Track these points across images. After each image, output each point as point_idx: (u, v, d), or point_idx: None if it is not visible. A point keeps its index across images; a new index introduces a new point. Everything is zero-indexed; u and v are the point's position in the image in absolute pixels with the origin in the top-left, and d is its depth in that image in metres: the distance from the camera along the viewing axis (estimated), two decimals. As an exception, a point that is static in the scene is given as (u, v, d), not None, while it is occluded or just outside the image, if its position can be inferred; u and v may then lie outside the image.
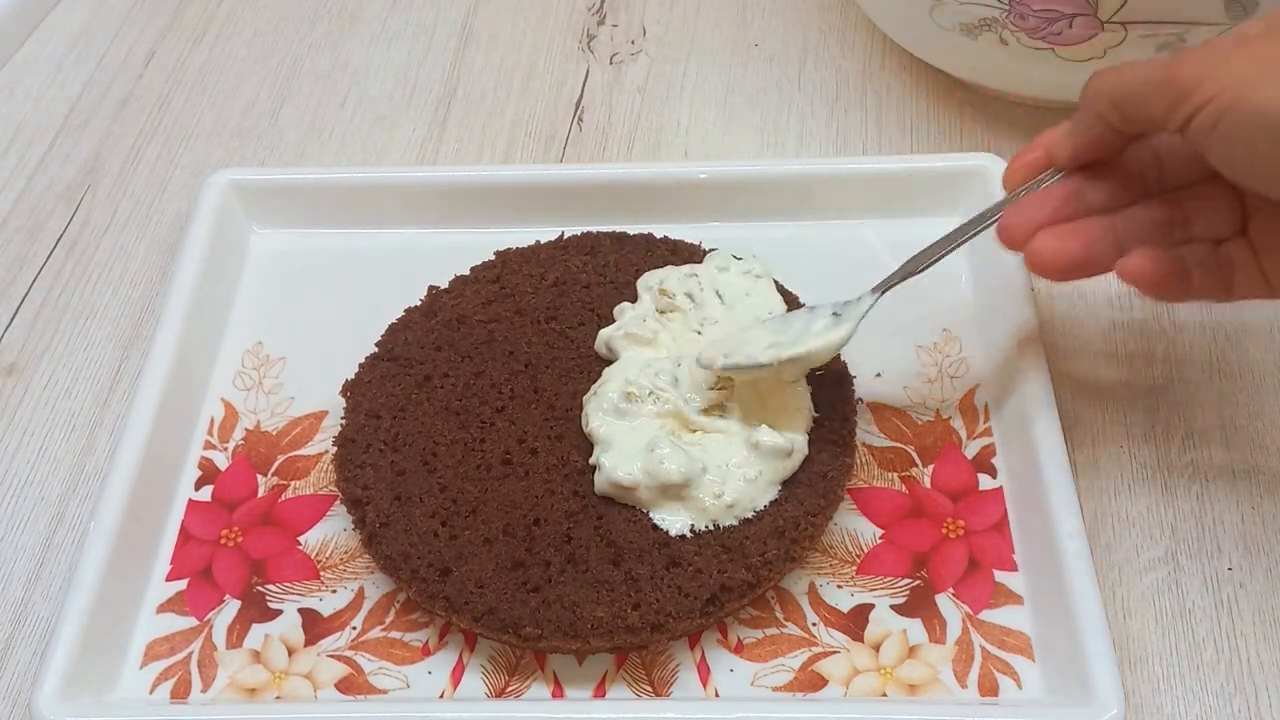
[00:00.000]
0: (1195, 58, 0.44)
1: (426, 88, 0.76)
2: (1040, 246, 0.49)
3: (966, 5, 0.63)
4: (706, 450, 0.52)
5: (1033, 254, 0.49)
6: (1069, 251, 0.49)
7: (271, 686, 0.52)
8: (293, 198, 0.66)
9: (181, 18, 0.82)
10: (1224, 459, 0.56)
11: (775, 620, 0.52)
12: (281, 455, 0.59)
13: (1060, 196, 0.50)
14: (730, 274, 0.58)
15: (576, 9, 0.80)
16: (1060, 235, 0.49)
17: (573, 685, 0.51)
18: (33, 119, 0.76)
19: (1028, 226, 0.49)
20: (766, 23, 0.78)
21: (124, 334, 0.65)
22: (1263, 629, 0.51)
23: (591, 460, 0.53)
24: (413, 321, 0.59)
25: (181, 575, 0.55)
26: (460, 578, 0.50)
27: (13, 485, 0.59)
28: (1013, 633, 0.51)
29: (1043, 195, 0.50)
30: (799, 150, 0.71)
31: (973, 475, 0.56)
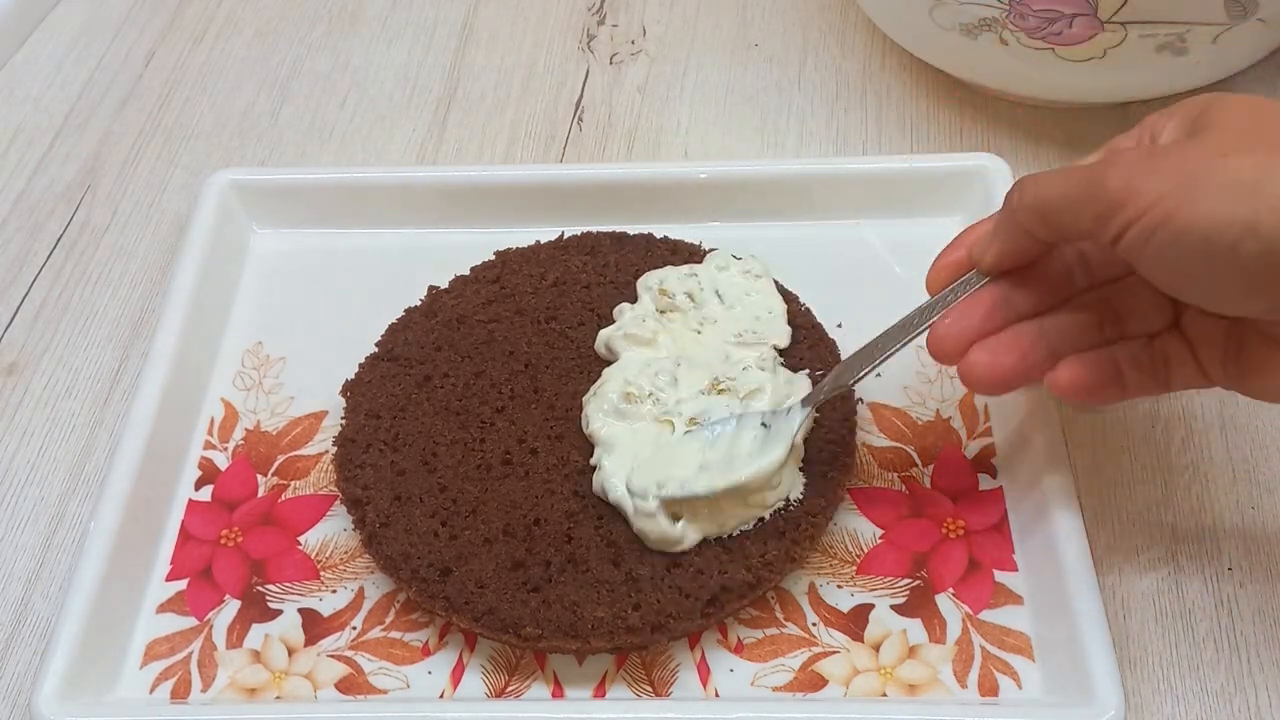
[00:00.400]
0: (1120, 168, 0.42)
1: (426, 88, 0.76)
2: (975, 362, 0.48)
3: (966, 5, 0.63)
4: None
5: (967, 370, 0.48)
6: (1002, 367, 0.47)
7: (271, 686, 0.52)
8: (293, 198, 0.66)
9: (181, 18, 0.82)
10: (1224, 459, 0.56)
11: (775, 620, 0.52)
12: (281, 455, 0.59)
13: (988, 305, 0.48)
14: (730, 273, 0.58)
15: (576, 9, 0.80)
16: (993, 350, 0.48)
17: (573, 685, 0.51)
18: (33, 119, 0.76)
19: (959, 339, 0.48)
20: (766, 23, 0.78)
21: (124, 334, 0.65)
22: (1263, 629, 0.51)
23: (592, 461, 0.53)
24: (413, 321, 0.59)
25: (181, 575, 0.55)
26: (460, 578, 0.50)
27: (13, 485, 0.59)
28: (1013, 633, 0.51)
29: (970, 304, 0.48)
30: (799, 150, 0.71)
31: (973, 475, 0.56)
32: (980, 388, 0.48)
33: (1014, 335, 0.48)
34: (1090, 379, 0.47)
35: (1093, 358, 0.48)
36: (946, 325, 0.48)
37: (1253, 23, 0.61)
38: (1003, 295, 0.48)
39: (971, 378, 0.48)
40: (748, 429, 0.52)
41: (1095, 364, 0.47)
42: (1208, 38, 0.62)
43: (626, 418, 0.53)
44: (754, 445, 0.51)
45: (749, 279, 0.58)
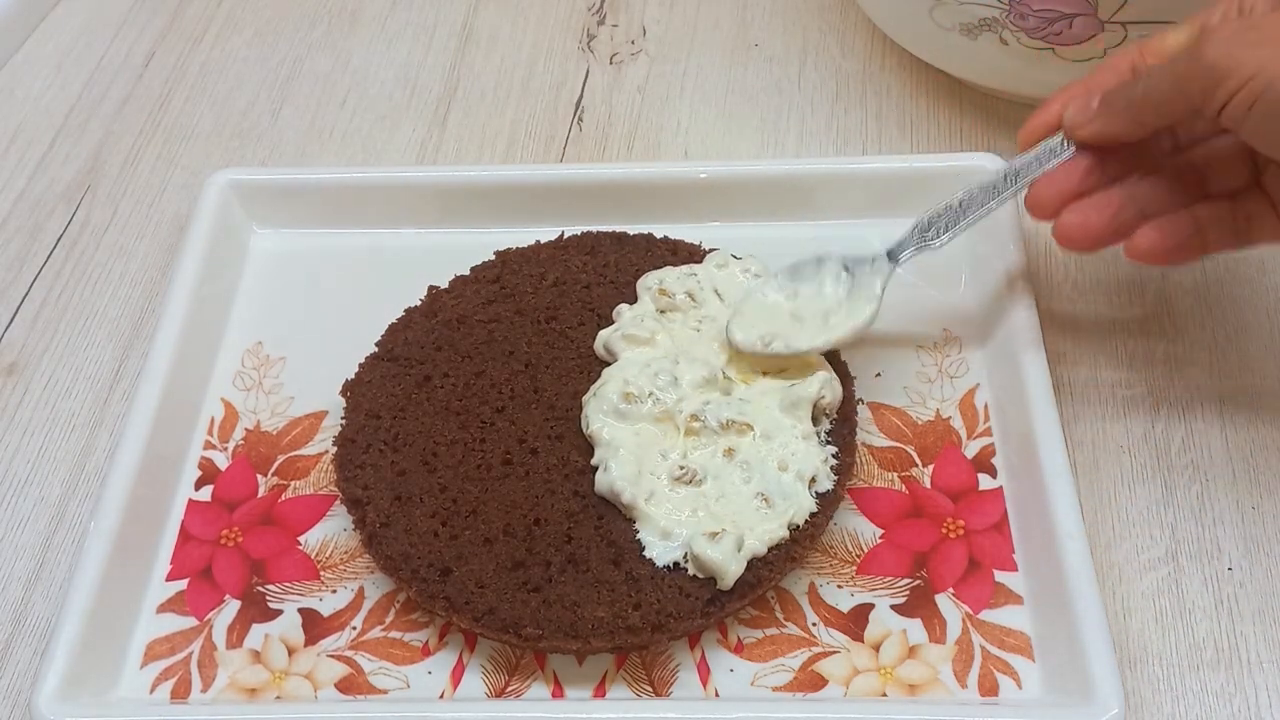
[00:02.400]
0: (1218, 43, 0.45)
1: (426, 88, 0.76)
2: (1068, 221, 0.51)
3: (966, 5, 0.63)
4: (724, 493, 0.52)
5: (1061, 228, 0.52)
6: (1095, 225, 0.51)
7: (271, 686, 0.52)
8: (293, 198, 0.66)
9: (181, 18, 0.82)
10: (1224, 459, 0.56)
11: (775, 620, 0.52)
12: (281, 455, 0.59)
13: (1082, 169, 0.52)
14: (730, 271, 0.58)
15: (576, 9, 0.80)
16: (1085, 210, 0.51)
17: (573, 685, 0.51)
18: (33, 119, 0.76)
19: (1055, 200, 0.52)
20: (766, 23, 0.78)
21: (124, 334, 0.65)
22: (1263, 629, 0.51)
23: (594, 461, 0.53)
24: (413, 321, 0.59)
25: (181, 575, 0.55)
26: (460, 578, 0.50)
27: (13, 485, 0.59)
28: (1013, 633, 0.51)
29: (1069, 166, 0.52)
30: (799, 150, 0.71)
31: (973, 475, 0.56)
32: (1074, 245, 0.52)
33: (1105, 197, 0.51)
34: (1167, 243, 0.51)
35: (1171, 221, 0.51)
36: (1044, 184, 0.52)
37: (1253, 23, 0.61)
38: (1096, 159, 0.52)
39: (1066, 237, 0.52)
40: (828, 276, 0.54)
41: (1174, 227, 0.51)
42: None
43: (627, 418, 0.53)
44: (842, 293, 0.54)
45: (749, 278, 0.58)
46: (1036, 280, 0.61)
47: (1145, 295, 0.62)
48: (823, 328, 0.54)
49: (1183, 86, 0.47)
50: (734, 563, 0.49)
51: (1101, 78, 0.52)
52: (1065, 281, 0.63)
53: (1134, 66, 0.52)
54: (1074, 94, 0.53)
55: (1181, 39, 0.50)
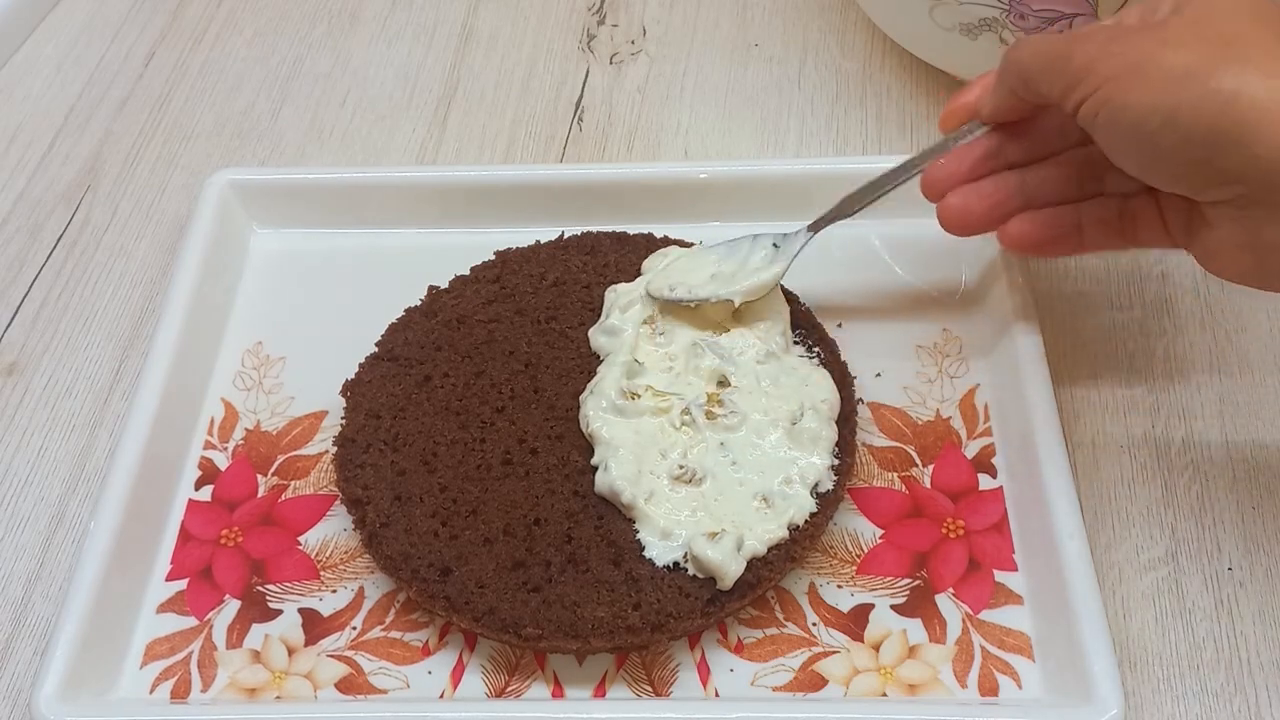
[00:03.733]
0: (1087, 45, 0.46)
1: (426, 88, 0.76)
2: (948, 204, 0.53)
3: (966, 5, 0.63)
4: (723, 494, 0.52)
5: (941, 211, 0.53)
6: (973, 212, 0.53)
7: (271, 686, 0.52)
8: (293, 198, 0.66)
9: (181, 18, 0.82)
10: (1224, 459, 0.56)
11: (775, 620, 0.52)
12: (281, 455, 0.59)
13: (981, 152, 0.53)
14: None
15: (576, 9, 0.80)
16: (967, 195, 0.53)
17: (573, 685, 0.51)
18: (33, 119, 0.76)
19: (945, 181, 0.53)
20: (766, 23, 0.78)
21: (124, 334, 0.65)
22: (1263, 629, 0.51)
23: (594, 461, 0.53)
24: (413, 321, 0.59)
25: (181, 575, 0.55)
26: (460, 578, 0.50)
27: (13, 485, 0.59)
28: (1013, 633, 0.51)
29: (966, 150, 0.53)
30: (799, 150, 0.71)
31: (973, 475, 0.56)
32: (951, 228, 0.53)
33: (994, 183, 0.53)
34: (1040, 235, 0.53)
35: (1049, 214, 0.53)
36: (938, 167, 0.54)
37: (1253, 23, 0.61)
38: (996, 145, 0.53)
39: (944, 218, 0.53)
40: (760, 247, 0.57)
41: (1050, 220, 0.53)
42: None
43: (626, 414, 0.53)
44: (763, 262, 0.57)
45: None
46: (1036, 280, 0.61)
47: (1145, 295, 0.62)
48: (727, 283, 0.56)
49: (1050, 76, 0.48)
50: (734, 563, 0.49)
51: None
52: (1065, 281, 0.63)
53: None
54: (991, 78, 0.53)
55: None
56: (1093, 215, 0.53)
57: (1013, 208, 0.53)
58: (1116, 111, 0.45)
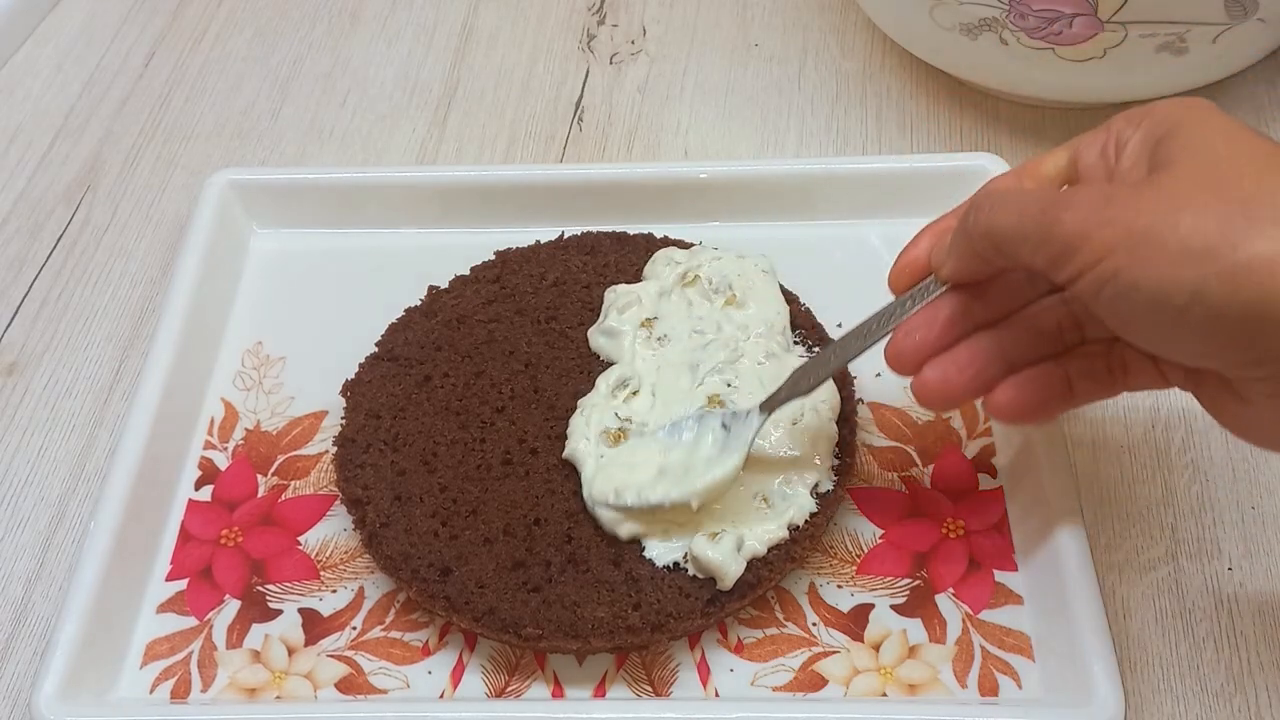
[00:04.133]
0: (1075, 211, 0.40)
1: (426, 88, 0.76)
2: (927, 379, 0.47)
3: (966, 5, 0.63)
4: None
5: (920, 387, 0.47)
6: (954, 385, 0.47)
7: (271, 686, 0.52)
8: (293, 198, 0.66)
9: (181, 18, 0.82)
10: (1224, 459, 0.56)
11: (775, 620, 0.52)
12: (281, 455, 0.59)
13: (947, 315, 0.47)
14: (744, 263, 0.58)
15: (576, 9, 0.80)
16: (945, 367, 0.47)
17: (573, 685, 0.51)
18: (33, 119, 0.76)
19: (915, 354, 0.47)
20: (766, 23, 0.78)
21: (124, 334, 0.65)
22: (1263, 629, 0.51)
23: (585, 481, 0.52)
24: (413, 321, 0.59)
25: (181, 575, 0.55)
26: (460, 578, 0.50)
27: (13, 485, 0.59)
28: (1013, 633, 0.51)
29: (929, 314, 0.47)
30: (799, 150, 0.71)
31: (973, 475, 0.56)
32: (932, 405, 0.48)
33: (970, 351, 0.47)
34: (1029, 400, 0.47)
35: (1035, 377, 0.47)
36: (903, 338, 0.48)
37: (1253, 23, 0.61)
38: (962, 305, 0.47)
39: (923, 395, 0.47)
40: (708, 431, 0.51)
41: (1038, 383, 0.47)
42: (1208, 38, 0.62)
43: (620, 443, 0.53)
44: (713, 449, 0.51)
45: (758, 273, 0.58)
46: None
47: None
48: (680, 480, 0.51)
49: (1032, 246, 0.42)
50: (734, 563, 0.49)
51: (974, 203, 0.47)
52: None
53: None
54: (941, 227, 0.48)
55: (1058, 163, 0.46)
56: (1080, 369, 0.47)
57: (995, 374, 0.47)
58: (1128, 289, 0.39)
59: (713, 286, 0.58)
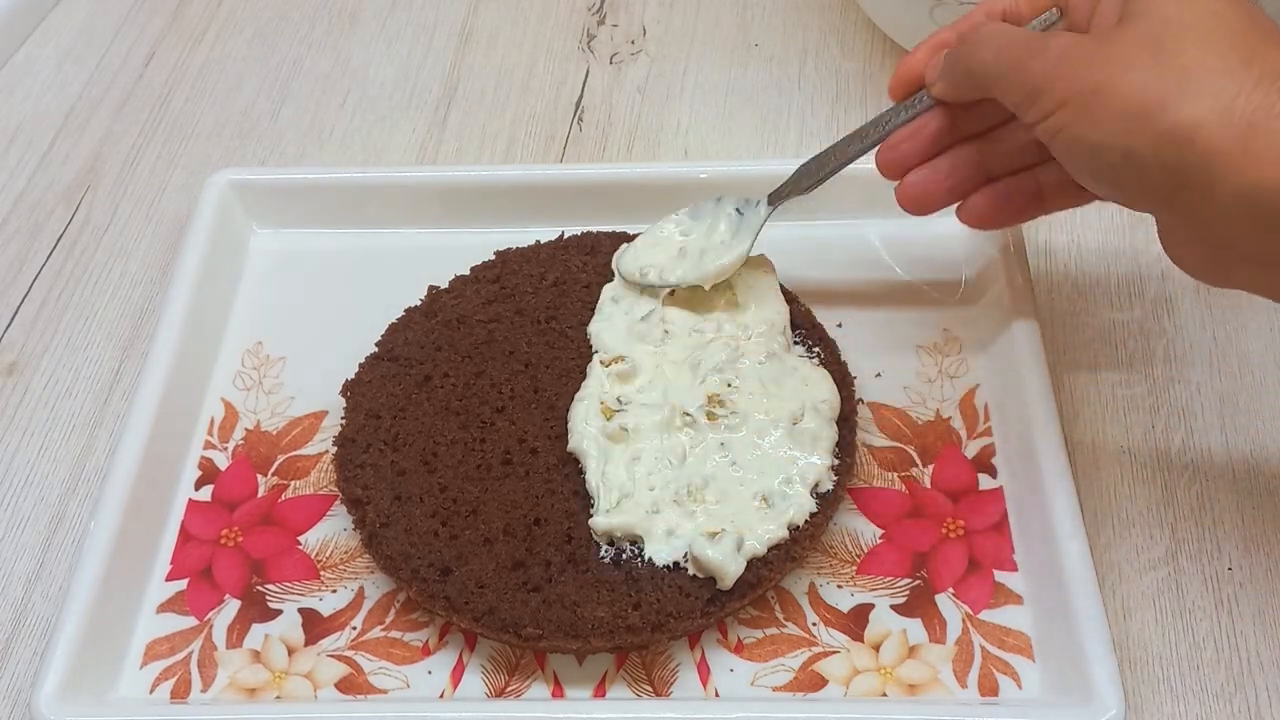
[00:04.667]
0: (1043, 59, 0.45)
1: (426, 88, 0.76)
2: (908, 184, 0.53)
3: (966, 5, 0.63)
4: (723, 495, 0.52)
5: (902, 192, 0.53)
6: (934, 190, 0.52)
7: (271, 686, 0.52)
8: (293, 198, 0.66)
9: (181, 18, 0.82)
10: (1224, 459, 0.56)
11: (775, 620, 0.52)
12: (281, 455, 0.59)
13: (935, 128, 0.52)
14: None
15: (576, 9, 0.80)
16: (927, 175, 0.52)
17: (573, 685, 0.51)
18: (33, 119, 0.76)
19: (903, 161, 0.53)
20: (766, 23, 0.78)
21: (124, 334, 0.65)
22: (1263, 629, 0.51)
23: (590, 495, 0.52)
24: (413, 321, 0.59)
25: (181, 575, 0.55)
26: (460, 578, 0.50)
27: (13, 485, 0.59)
28: (1013, 633, 0.51)
29: (921, 125, 0.52)
30: (799, 150, 0.71)
31: (973, 475, 0.56)
32: (912, 208, 0.53)
33: (951, 161, 0.52)
34: (1000, 209, 0.53)
35: (1007, 187, 0.52)
36: (893, 144, 0.53)
37: (1253, 23, 0.61)
38: (947, 120, 0.52)
39: (905, 199, 0.53)
40: (722, 216, 0.58)
41: (1009, 192, 0.52)
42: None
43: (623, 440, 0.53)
44: (727, 234, 0.57)
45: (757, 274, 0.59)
46: (1036, 280, 0.61)
47: (1145, 295, 0.62)
48: (697, 264, 0.57)
49: (1005, 86, 0.47)
50: (734, 563, 0.49)
51: (972, 20, 0.52)
52: (1065, 281, 0.63)
53: (1005, 14, 0.51)
54: (941, 41, 0.52)
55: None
56: (1051, 178, 0.52)
57: (972, 183, 0.53)
58: (1073, 141, 0.44)
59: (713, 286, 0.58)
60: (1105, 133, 0.43)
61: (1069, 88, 0.44)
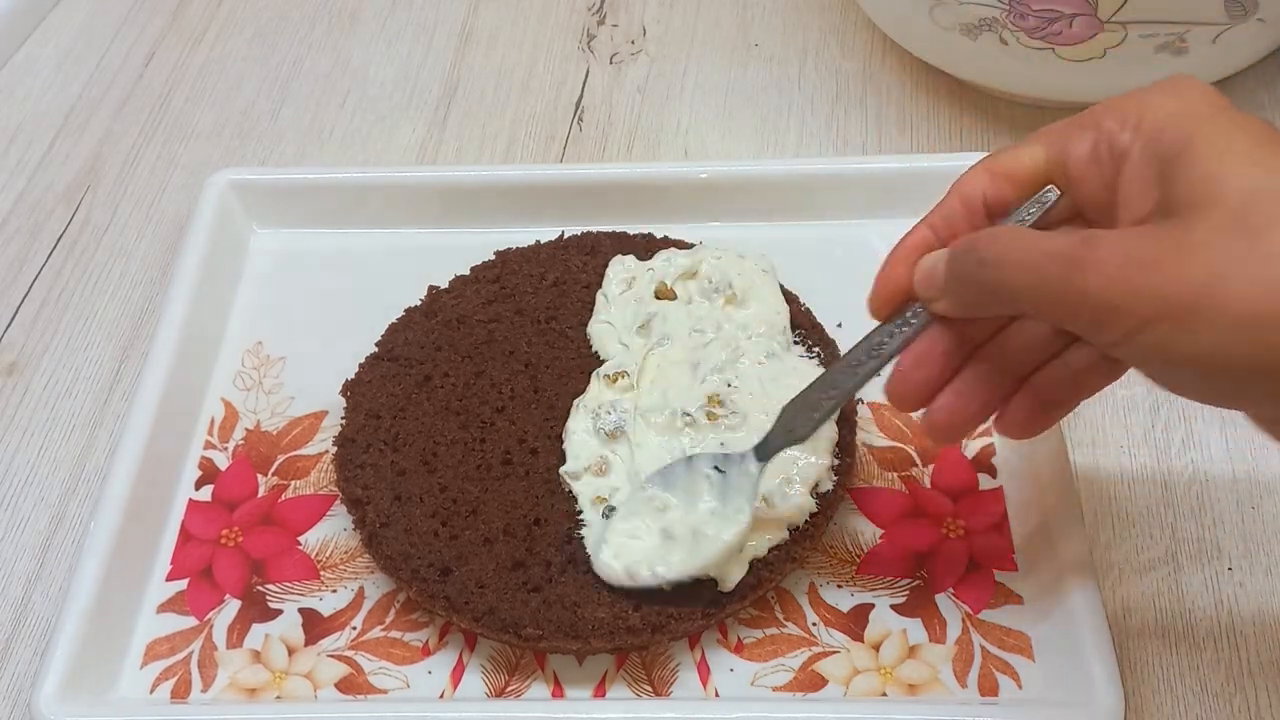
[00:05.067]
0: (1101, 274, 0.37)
1: (426, 88, 0.76)
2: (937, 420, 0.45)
3: (966, 5, 0.63)
4: None
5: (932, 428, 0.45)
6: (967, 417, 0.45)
7: (271, 686, 0.52)
8: (293, 198, 0.66)
9: (181, 18, 0.82)
10: (1224, 459, 0.56)
11: (775, 620, 0.52)
12: (282, 455, 0.59)
13: (943, 349, 0.44)
14: (745, 263, 0.58)
15: (576, 9, 0.80)
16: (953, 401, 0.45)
17: (573, 685, 0.51)
18: (33, 119, 0.76)
19: (918, 394, 0.45)
20: (766, 23, 0.78)
21: (124, 334, 0.65)
22: (1263, 629, 0.51)
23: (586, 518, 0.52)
24: (413, 321, 0.59)
25: (181, 575, 0.55)
26: (461, 578, 0.50)
27: (13, 485, 0.59)
28: (1013, 633, 0.51)
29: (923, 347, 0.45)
30: (799, 150, 0.71)
31: (973, 475, 0.56)
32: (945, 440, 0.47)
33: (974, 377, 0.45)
34: (1037, 413, 0.45)
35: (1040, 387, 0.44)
36: (903, 376, 0.45)
37: (1252, 23, 0.61)
38: (955, 335, 0.44)
39: (936, 434, 0.46)
40: (701, 478, 0.50)
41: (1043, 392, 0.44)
42: (1208, 38, 0.62)
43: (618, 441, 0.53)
44: (714, 500, 0.49)
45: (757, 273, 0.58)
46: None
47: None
48: (694, 549, 0.49)
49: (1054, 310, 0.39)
50: (735, 564, 0.49)
51: (948, 210, 0.45)
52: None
53: (986, 200, 0.44)
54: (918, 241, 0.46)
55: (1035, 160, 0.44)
56: (1083, 360, 0.44)
57: (1003, 395, 0.45)
58: (1176, 359, 0.37)
59: (713, 286, 0.58)
60: (1217, 345, 0.36)
61: (1151, 308, 0.36)
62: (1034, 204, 0.44)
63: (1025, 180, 0.44)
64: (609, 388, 0.55)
